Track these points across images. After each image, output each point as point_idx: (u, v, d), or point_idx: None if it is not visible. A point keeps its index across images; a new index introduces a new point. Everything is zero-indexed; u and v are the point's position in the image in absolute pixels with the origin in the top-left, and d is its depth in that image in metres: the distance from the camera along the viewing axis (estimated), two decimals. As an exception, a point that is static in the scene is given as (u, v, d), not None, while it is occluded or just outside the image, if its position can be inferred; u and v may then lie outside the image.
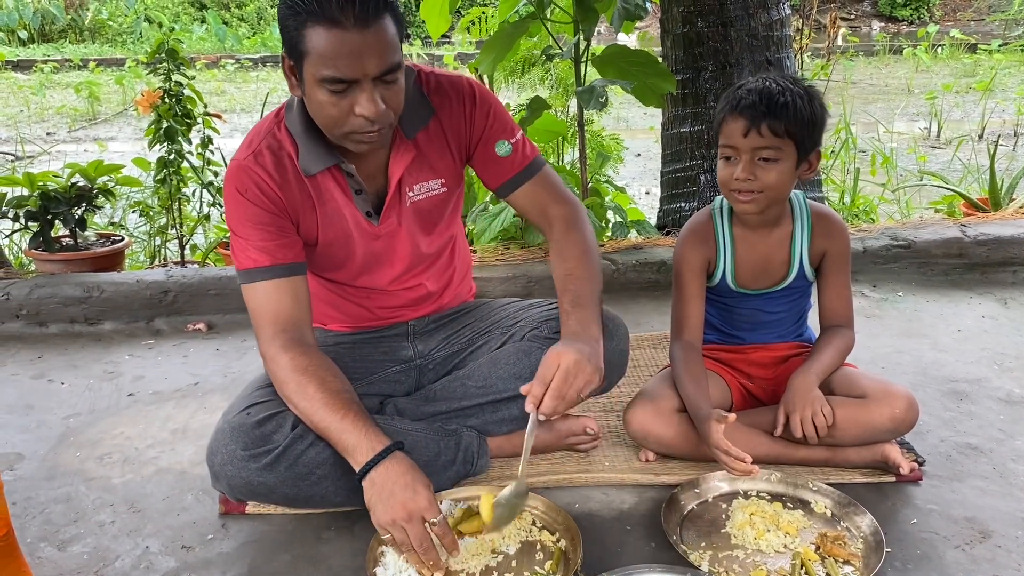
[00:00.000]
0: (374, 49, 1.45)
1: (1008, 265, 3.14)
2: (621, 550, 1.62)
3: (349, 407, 1.57)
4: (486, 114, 1.77)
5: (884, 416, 1.79)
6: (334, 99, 1.48)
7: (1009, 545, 1.64)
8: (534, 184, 1.81)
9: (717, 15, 3.47)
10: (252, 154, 1.64)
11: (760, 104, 1.74)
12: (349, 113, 1.50)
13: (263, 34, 15.10)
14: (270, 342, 1.62)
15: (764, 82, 1.78)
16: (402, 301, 1.91)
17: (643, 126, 7.72)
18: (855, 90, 9.11)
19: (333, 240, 1.74)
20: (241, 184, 1.63)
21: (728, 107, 1.79)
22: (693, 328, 1.94)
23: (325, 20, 1.42)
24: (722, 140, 1.81)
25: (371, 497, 1.49)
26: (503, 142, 1.78)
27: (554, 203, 1.82)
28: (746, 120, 1.75)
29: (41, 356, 2.67)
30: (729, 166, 1.80)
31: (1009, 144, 6.18)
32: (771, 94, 1.74)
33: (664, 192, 3.85)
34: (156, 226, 3.62)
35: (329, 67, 1.45)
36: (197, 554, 1.65)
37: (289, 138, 1.66)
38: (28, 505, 1.83)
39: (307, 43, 1.45)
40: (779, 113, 1.73)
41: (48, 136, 7.90)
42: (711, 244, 1.94)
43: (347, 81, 1.46)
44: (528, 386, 1.53)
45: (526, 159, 1.81)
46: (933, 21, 14.38)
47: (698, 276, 1.94)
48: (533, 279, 3.00)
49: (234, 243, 1.67)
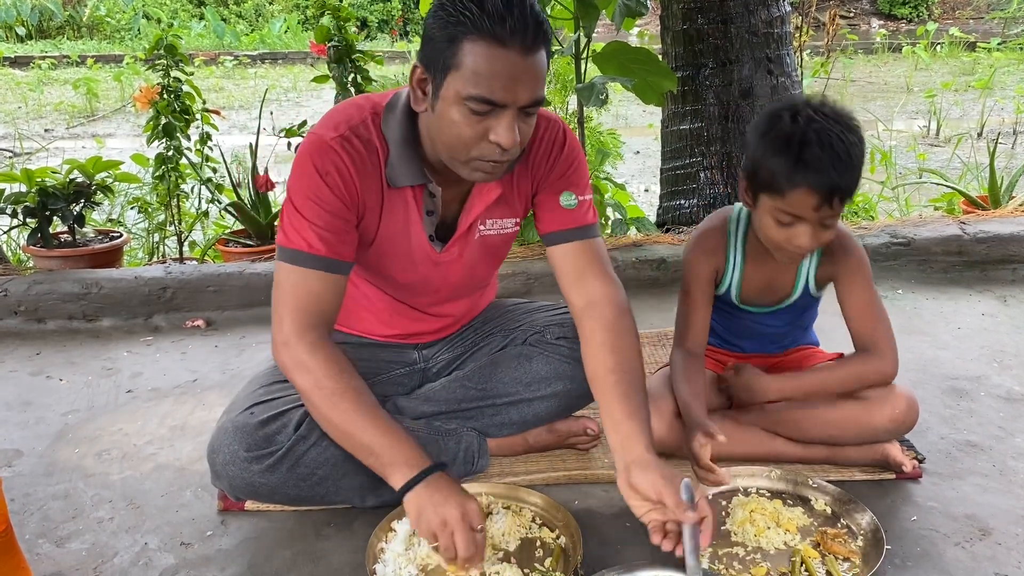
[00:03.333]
0: (531, 77, 1.39)
1: (1008, 263, 3.14)
2: (621, 547, 1.62)
3: (393, 420, 1.54)
4: (569, 164, 1.69)
5: (884, 417, 1.78)
6: (472, 120, 1.40)
7: (1009, 542, 1.63)
8: (583, 246, 1.68)
9: (717, 12, 3.46)
10: (340, 137, 1.53)
11: (833, 173, 1.58)
12: (483, 138, 1.42)
13: (261, 31, 15.07)
14: (297, 334, 1.53)
15: (825, 138, 1.59)
16: (424, 327, 1.87)
17: (642, 123, 7.71)
18: (854, 88, 9.10)
19: (388, 252, 1.66)
20: (322, 164, 1.52)
21: (790, 172, 1.60)
22: (697, 335, 1.88)
23: (490, 38, 1.35)
24: (782, 206, 1.63)
25: (420, 504, 1.45)
26: (571, 194, 1.69)
27: (598, 276, 1.68)
28: (821, 196, 1.60)
29: (39, 353, 2.66)
30: (786, 229, 1.66)
31: (1008, 142, 6.17)
32: (839, 158, 1.59)
33: (664, 189, 3.84)
34: (155, 222, 3.61)
35: (483, 87, 1.37)
36: (196, 551, 1.65)
37: (381, 140, 1.57)
38: (26, 502, 1.82)
39: (460, 57, 1.37)
40: (851, 182, 1.62)
41: (46, 133, 7.88)
42: (721, 256, 1.87)
43: (494, 104, 1.39)
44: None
45: (586, 220, 1.70)
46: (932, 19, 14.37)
47: (705, 285, 1.88)
48: (532, 276, 2.99)
49: (291, 218, 1.54)
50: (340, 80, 3.31)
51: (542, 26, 1.39)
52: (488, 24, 1.34)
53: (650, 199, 5.11)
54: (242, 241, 3.46)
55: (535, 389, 1.81)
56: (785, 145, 1.61)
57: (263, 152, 3.67)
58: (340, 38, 3.27)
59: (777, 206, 1.65)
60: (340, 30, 3.29)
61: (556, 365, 1.82)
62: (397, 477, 1.48)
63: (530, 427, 1.88)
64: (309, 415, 1.62)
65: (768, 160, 1.64)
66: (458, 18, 1.36)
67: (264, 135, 3.72)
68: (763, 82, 3.54)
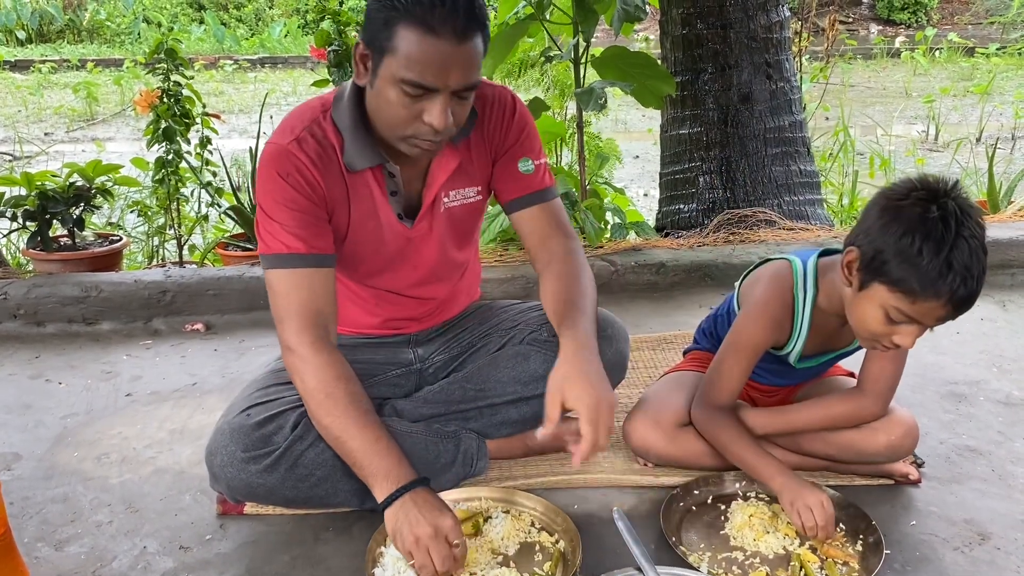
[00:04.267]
0: (463, 64, 1.44)
1: (1007, 267, 3.15)
2: (620, 552, 1.61)
3: (382, 430, 1.56)
4: (521, 129, 1.76)
5: (880, 443, 1.77)
6: (406, 101, 1.46)
7: (1008, 547, 1.64)
8: (543, 209, 1.78)
9: (716, 17, 3.47)
10: (295, 140, 1.59)
11: (975, 286, 1.44)
12: (416, 118, 1.48)
13: (261, 35, 15.08)
14: (298, 335, 1.57)
15: (975, 246, 1.43)
16: (409, 312, 1.89)
17: (641, 128, 7.73)
18: (853, 93, 9.12)
19: (361, 239, 1.71)
20: (282, 168, 1.58)
21: (935, 280, 1.42)
22: (733, 396, 1.79)
23: (422, 25, 1.39)
24: (907, 309, 1.47)
25: (396, 520, 1.48)
26: (527, 160, 1.77)
27: (558, 234, 1.78)
28: (953, 309, 1.46)
29: (39, 356, 2.66)
30: (892, 327, 1.52)
31: (1007, 147, 6.18)
32: (983, 271, 1.45)
33: (663, 194, 3.85)
34: (154, 226, 3.61)
35: (414, 71, 1.42)
36: (195, 554, 1.65)
37: (334, 130, 1.62)
38: (25, 505, 1.82)
39: (395, 41, 1.42)
40: (975, 297, 1.47)
41: (46, 136, 7.88)
42: (786, 330, 1.76)
43: (427, 88, 1.44)
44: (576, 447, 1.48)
45: (543, 183, 1.79)
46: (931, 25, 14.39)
47: (758, 356, 1.77)
48: (531, 280, 2.99)
49: (265, 226, 1.60)
50: (340, 84, 3.31)
51: (475, 12, 1.44)
52: (420, 11, 1.39)
53: (649, 203, 5.12)
54: (242, 245, 3.46)
55: (533, 387, 1.81)
56: (935, 249, 1.42)
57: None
58: (340, 42, 3.27)
59: (899, 307, 1.48)
60: (340, 34, 3.29)
61: (553, 363, 1.82)
62: (378, 491, 1.52)
63: (529, 426, 1.88)
64: (306, 416, 1.64)
65: (907, 255, 1.44)
66: (393, 4, 1.41)
67: (264, 139, 3.71)
68: (762, 87, 3.55)
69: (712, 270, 3.13)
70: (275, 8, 16.14)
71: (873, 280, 1.50)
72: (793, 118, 3.64)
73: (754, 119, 3.55)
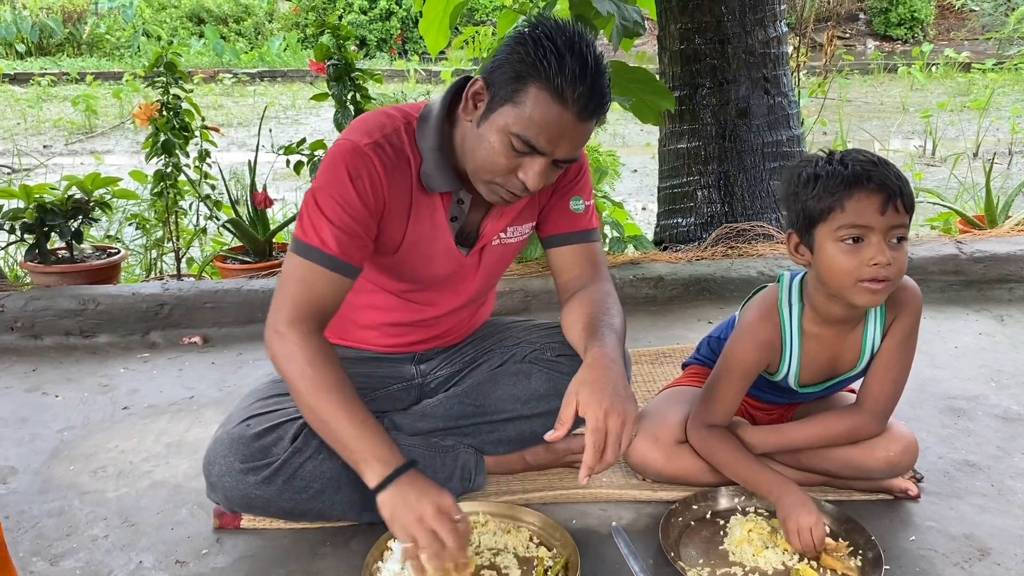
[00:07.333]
0: (577, 139, 1.48)
1: (1005, 282, 3.15)
2: (619, 567, 1.61)
3: (369, 415, 1.54)
4: (578, 171, 1.77)
5: (879, 460, 1.76)
6: (509, 153, 1.47)
7: (1007, 563, 1.63)
8: (585, 248, 1.78)
9: (714, 32, 3.49)
10: (373, 143, 1.58)
11: (886, 173, 1.51)
12: (512, 171, 1.50)
13: (261, 49, 15.14)
14: (291, 323, 1.54)
15: (861, 155, 1.56)
16: (427, 334, 1.88)
17: (640, 142, 7.75)
18: (850, 108, 9.15)
19: (414, 256, 1.69)
20: (354, 167, 1.56)
21: (846, 183, 1.52)
22: (727, 415, 1.79)
23: (557, 93, 1.41)
24: (844, 221, 1.52)
25: (394, 504, 1.44)
26: (579, 199, 1.78)
27: (595, 276, 1.77)
28: (884, 195, 1.50)
29: (35, 369, 2.66)
30: (856, 252, 1.53)
31: (1004, 162, 6.20)
32: (885, 164, 1.54)
33: (661, 208, 3.86)
34: (152, 239, 3.61)
35: (531, 132, 1.44)
36: (191, 569, 1.64)
37: (413, 149, 1.62)
38: (21, 519, 1.81)
39: (523, 96, 1.43)
40: (906, 186, 1.52)
41: (45, 149, 7.89)
42: (776, 349, 1.75)
43: (535, 150, 1.46)
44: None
45: (590, 224, 1.79)
46: (927, 40, 14.47)
47: (750, 379, 1.77)
48: (530, 293, 3.00)
49: (312, 215, 1.57)
50: (339, 98, 3.32)
51: (604, 103, 1.47)
52: (559, 81, 1.41)
53: (648, 217, 5.12)
54: (240, 258, 3.46)
55: (533, 406, 1.81)
56: (829, 173, 1.55)
57: (261, 169, 3.68)
58: (339, 56, 3.29)
59: (840, 224, 1.53)
60: (339, 48, 3.30)
61: (555, 382, 1.81)
62: (370, 475, 1.48)
63: (528, 445, 1.87)
64: (306, 428, 1.63)
65: (815, 191, 1.55)
66: (535, 63, 1.42)
67: (263, 152, 3.73)
68: (760, 102, 3.56)
69: (710, 284, 3.13)
70: (275, 22, 16.22)
71: (811, 233, 1.59)
72: (791, 133, 3.66)
73: (752, 134, 3.57)
